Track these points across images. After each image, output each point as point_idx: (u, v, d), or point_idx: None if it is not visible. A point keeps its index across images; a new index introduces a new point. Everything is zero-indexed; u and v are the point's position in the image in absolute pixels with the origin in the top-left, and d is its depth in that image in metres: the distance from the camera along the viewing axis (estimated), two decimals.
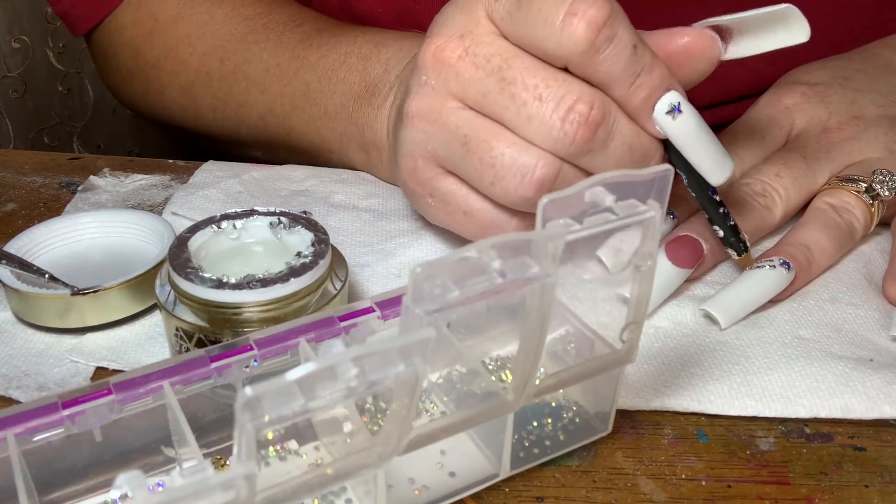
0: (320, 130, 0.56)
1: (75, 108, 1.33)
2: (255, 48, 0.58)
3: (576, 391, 0.36)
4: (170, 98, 0.63)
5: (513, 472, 0.34)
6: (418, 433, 0.30)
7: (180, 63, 0.61)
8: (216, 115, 0.61)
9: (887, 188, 0.47)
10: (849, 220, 0.46)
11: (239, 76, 0.58)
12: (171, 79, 0.62)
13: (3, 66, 1.27)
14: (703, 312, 0.43)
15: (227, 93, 0.59)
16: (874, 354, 0.41)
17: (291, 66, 0.56)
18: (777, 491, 0.34)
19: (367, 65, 0.54)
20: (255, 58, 0.58)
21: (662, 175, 0.30)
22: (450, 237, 0.49)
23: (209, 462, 0.24)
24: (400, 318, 0.29)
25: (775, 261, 0.43)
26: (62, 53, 1.28)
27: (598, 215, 0.29)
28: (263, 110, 0.58)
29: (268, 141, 0.60)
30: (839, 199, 0.47)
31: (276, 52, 0.57)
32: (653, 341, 0.42)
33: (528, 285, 0.28)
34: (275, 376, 0.23)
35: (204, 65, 0.60)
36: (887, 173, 0.47)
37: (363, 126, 0.53)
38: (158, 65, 0.62)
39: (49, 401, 0.29)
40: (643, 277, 0.32)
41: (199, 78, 0.60)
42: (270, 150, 0.61)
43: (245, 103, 0.58)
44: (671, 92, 0.40)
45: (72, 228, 0.46)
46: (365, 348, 0.25)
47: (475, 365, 0.34)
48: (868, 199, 0.47)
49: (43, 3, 1.24)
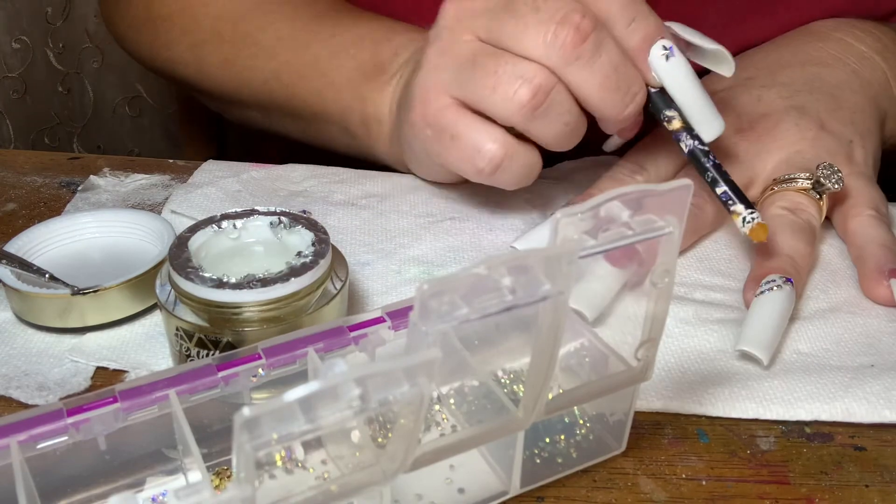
0: (324, 101, 0.57)
1: (75, 108, 1.32)
2: (270, 17, 0.59)
3: (590, 407, 0.36)
4: (177, 53, 0.63)
5: (523, 489, 0.34)
6: (425, 450, 0.29)
7: (193, 21, 0.62)
8: (221, 74, 0.62)
9: (834, 181, 0.47)
10: (807, 219, 0.47)
11: (249, 41, 0.59)
12: (181, 35, 0.62)
13: (3, 66, 1.27)
14: (739, 353, 0.41)
15: (235, 55, 0.60)
16: (875, 360, 0.41)
17: (302, 38, 0.58)
18: (777, 491, 0.34)
19: (378, 47, 0.55)
20: (268, 26, 0.59)
21: (681, 190, 0.29)
22: (450, 236, 0.49)
23: (209, 481, 0.24)
24: (406, 334, 0.29)
25: (778, 280, 0.42)
26: (62, 54, 1.28)
27: (612, 231, 0.29)
28: (269, 75, 0.59)
29: (269, 104, 0.61)
30: (790, 200, 0.48)
31: (290, 23, 0.58)
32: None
33: (540, 303, 0.28)
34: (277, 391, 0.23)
35: (216, 26, 0.61)
36: (829, 167, 0.48)
37: (366, 100, 0.55)
38: (171, 19, 0.63)
39: (54, 408, 0.29)
40: (660, 294, 0.31)
41: (209, 38, 0.61)
42: (268, 114, 0.62)
43: (251, 67, 0.60)
44: (665, 39, 0.44)
45: (72, 228, 0.46)
46: (368, 368, 0.24)
47: (486, 379, 0.34)
48: (815, 195, 0.48)
49: (43, 4, 1.24)
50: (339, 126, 0.57)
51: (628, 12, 0.43)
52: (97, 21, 1.25)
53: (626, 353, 0.33)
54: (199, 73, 0.63)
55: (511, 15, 0.43)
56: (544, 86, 0.43)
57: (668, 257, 0.30)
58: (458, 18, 0.45)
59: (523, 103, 0.43)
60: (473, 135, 0.45)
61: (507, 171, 0.45)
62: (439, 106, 0.46)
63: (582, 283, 0.41)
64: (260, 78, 0.59)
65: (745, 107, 0.52)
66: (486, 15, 0.44)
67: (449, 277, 0.26)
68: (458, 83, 0.45)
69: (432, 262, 0.47)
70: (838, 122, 0.51)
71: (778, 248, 0.45)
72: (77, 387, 0.39)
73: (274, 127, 0.64)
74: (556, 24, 0.42)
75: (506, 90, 0.43)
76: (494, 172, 0.45)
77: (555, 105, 0.43)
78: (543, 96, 0.43)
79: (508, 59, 0.43)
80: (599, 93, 0.43)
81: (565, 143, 0.45)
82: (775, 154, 0.50)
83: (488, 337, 0.35)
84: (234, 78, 0.61)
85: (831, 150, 0.50)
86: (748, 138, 0.51)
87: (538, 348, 0.29)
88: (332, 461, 0.34)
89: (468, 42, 0.45)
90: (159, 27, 0.64)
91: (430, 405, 0.36)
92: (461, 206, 0.52)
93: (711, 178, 0.44)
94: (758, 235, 0.43)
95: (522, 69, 0.43)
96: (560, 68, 0.43)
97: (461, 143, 0.45)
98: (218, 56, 0.61)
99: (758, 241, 0.43)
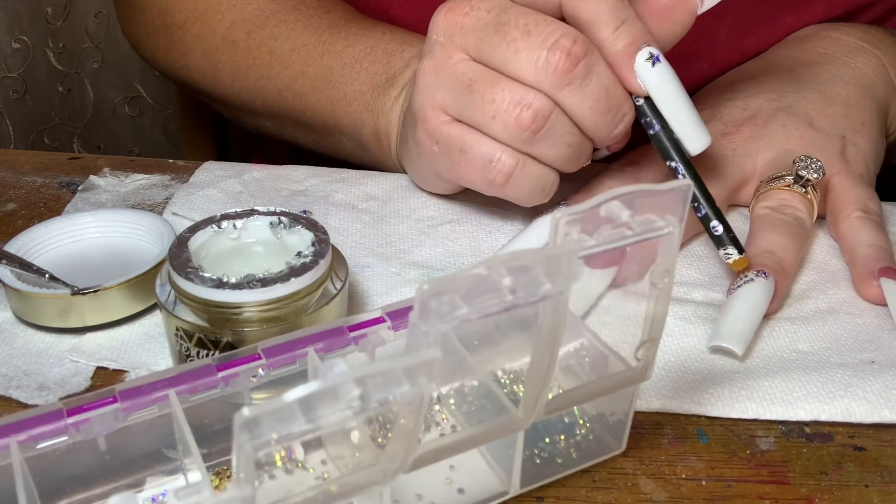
0: (336, 113, 0.57)
1: (75, 108, 1.32)
2: (284, 27, 0.59)
3: (590, 407, 0.36)
4: (192, 60, 0.64)
5: (523, 489, 0.34)
6: (425, 450, 0.29)
7: (207, 28, 0.62)
8: (235, 83, 0.62)
9: (813, 170, 0.47)
10: (793, 215, 0.47)
11: (263, 50, 0.59)
12: (196, 42, 0.63)
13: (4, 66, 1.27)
14: (712, 349, 0.41)
15: (249, 64, 0.60)
16: (875, 356, 0.41)
17: (317, 49, 0.58)
18: (777, 491, 0.34)
19: (390, 59, 0.56)
20: (281, 35, 0.59)
21: (681, 190, 0.29)
22: (449, 240, 0.49)
23: (208, 481, 0.24)
24: (406, 334, 0.28)
25: (750, 274, 0.43)
26: (62, 54, 1.28)
27: (612, 231, 0.29)
28: (283, 85, 0.59)
29: (281, 114, 0.61)
30: (775, 199, 0.48)
31: (304, 34, 0.59)
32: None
33: (540, 303, 0.28)
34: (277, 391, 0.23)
35: (231, 34, 0.61)
36: (806, 158, 0.48)
37: (378, 114, 0.55)
38: (185, 26, 0.63)
39: (54, 408, 0.29)
40: (660, 295, 0.31)
41: (223, 46, 0.61)
42: (281, 124, 0.62)
43: (265, 76, 0.60)
44: (651, 46, 0.43)
45: (72, 228, 0.46)
46: (368, 368, 0.24)
47: (486, 379, 0.34)
48: (800, 189, 0.47)
49: (43, 4, 1.24)
50: (352, 138, 0.57)
51: (615, 17, 0.42)
52: (97, 21, 1.25)
53: (626, 353, 0.33)
54: (213, 81, 0.63)
55: (502, 38, 0.43)
56: (543, 110, 0.43)
57: (668, 257, 0.30)
58: (449, 34, 0.45)
59: (524, 128, 0.43)
60: (482, 147, 0.44)
61: (519, 182, 0.45)
62: (439, 122, 0.46)
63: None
64: (273, 88, 0.60)
65: (730, 115, 0.52)
66: (476, 34, 0.44)
67: (449, 277, 0.26)
68: (455, 106, 0.45)
69: (432, 266, 0.47)
70: (829, 117, 0.51)
71: (758, 245, 0.45)
72: (77, 387, 0.39)
73: (288, 137, 0.64)
74: (547, 50, 0.42)
75: (506, 118, 0.43)
76: (506, 183, 0.45)
77: (556, 127, 0.43)
78: (543, 121, 0.43)
79: (504, 86, 0.43)
80: (592, 116, 0.43)
81: (571, 163, 0.45)
82: (763, 153, 0.50)
83: (488, 337, 0.35)
84: (247, 87, 0.61)
85: (821, 146, 0.50)
86: (735, 139, 0.51)
87: (538, 348, 0.29)
88: (332, 461, 0.34)
89: (460, 61, 0.44)
90: (174, 34, 0.64)
91: (430, 405, 0.36)
92: (461, 208, 0.52)
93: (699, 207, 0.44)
94: (738, 266, 0.44)
95: (520, 95, 0.43)
96: (552, 93, 0.43)
97: (470, 156, 0.45)
98: (231, 65, 0.61)
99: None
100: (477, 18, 0.44)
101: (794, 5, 0.59)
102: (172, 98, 1.26)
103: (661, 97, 0.44)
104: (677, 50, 0.45)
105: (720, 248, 0.44)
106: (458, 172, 0.46)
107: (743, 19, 0.59)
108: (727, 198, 0.50)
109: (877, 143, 0.53)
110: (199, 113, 0.90)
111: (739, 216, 0.51)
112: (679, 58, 0.46)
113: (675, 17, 0.44)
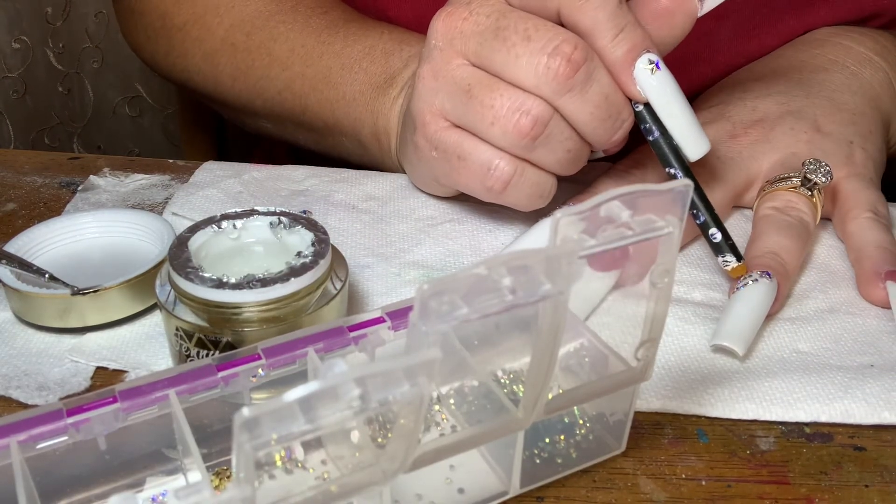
0: (335, 113, 0.57)
1: (75, 108, 1.32)
2: (282, 27, 0.59)
3: (589, 407, 0.36)
4: (192, 62, 0.64)
5: (523, 489, 0.34)
6: (425, 450, 0.29)
7: (207, 31, 0.62)
8: (235, 85, 0.62)
9: (822, 174, 0.47)
10: (798, 217, 0.47)
11: (263, 51, 0.60)
12: (196, 44, 0.63)
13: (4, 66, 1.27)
14: (714, 348, 0.41)
15: (249, 65, 0.60)
16: (874, 360, 0.41)
17: (316, 50, 0.58)
18: (777, 491, 0.34)
19: (389, 59, 0.56)
20: (280, 36, 0.59)
21: (681, 190, 0.29)
22: (450, 240, 0.49)
23: (208, 481, 0.24)
24: (406, 334, 0.28)
25: (754, 275, 0.43)
26: (62, 54, 1.28)
27: (612, 231, 0.29)
28: (282, 86, 0.59)
29: (281, 115, 0.61)
30: (780, 200, 0.48)
31: (303, 34, 0.59)
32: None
33: (540, 303, 0.27)
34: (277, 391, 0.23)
35: (230, 36, 0.61)
36: (815, 161, 0.48)
37: (377, 114, 0.55)
38: (185, 29, 0.63)
39: (54, 408, 0.29)
40: (660, 294, 0.31)
41: (223, 47, 0.61)
42: (281, 124, 0.63)
43: (265, 77, 0.60)
44: (651, 52, 0.43)
45: (72, 228, 0.46)
46: (368, 368, 0.24)
47: (486, 379, 0.34)
48: (807, 192, 0.47)
49: (43, 4, 1.24)
50: (352, 138, 0.58)
51: (615, 24, 0.42)
52: (97, 21, 1.25)
53: (626, 353, 0.33)
54: (213, 83, 0.63)
55: (502, 43, 0.42)
56: (542, 116, 0.42)
57: (668, 257, 0.30)
58: (448, 39, 0.45)
59: (523, 134, 0.43)
60: (481, 154, 0.44)
61: (518, 188, 0.45)
62: (438, 128, 0.46)
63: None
64: (273, 89, 0.60)
65: (739, 115, 0.52)
66: (475, 38, 0.43)
67: (449, 278, 0.26)
68: (454, 112, 0.45)
69: (432, 267, 0.47)
70: (837, 123, 0.51)
71: (762, 246, 0.45)
72: (77, 387, 0.39)
73: (288, 137, 0.65)
74: (547, 55, 0.41)
75: (505, 124, 0.43)
76: (504, 190, 0.45)
77: (555, 133, 0.43)
78: (542, 127, 0.42)
79: (503, 91, 0.43)
80: (591, 122, 0.43)
81: (570, 168, 0.45)
82: (770, 156, 0.50)
83: (488, 337, 0.35)
84: (247, 88, 0.61)
85: (828, 151, 0.50)
86: (742, 142, 0.50)
87: (538, 348, 0.29)
88: (332, 461, 0.34)
89: (460, 67, 0.44)
90: (174, 37, 0.64)
91: (430, 405, 0.36)
92: (461, 208, 0.52)
93: (700, 218, 0.44)
94: (736, 273, 0.44)
95: (519, 101, 0.42)
96: (553, 99, 0.42)
97: (468, 163, 0.45)
98: (231, 66, 0.61)
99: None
100: (476, 23, 0.43)
101: (798, 8, 0.59)
102: (172, 98, 1.26)
103: (660, 104, 0.43)
104: (678, 52, 0.45)
105: (718, 256, 0.44)
106: (456, 179, 0.46)
107: (745, 22, 0.59)
108: (731, 200, 0.50)
109: (882, 152, 0.53)
110: (199, 113, 0.90)
111: (741, 217, 0.51)
112: (680, 60, 0.46)
113: (675, 20, 0.44)
